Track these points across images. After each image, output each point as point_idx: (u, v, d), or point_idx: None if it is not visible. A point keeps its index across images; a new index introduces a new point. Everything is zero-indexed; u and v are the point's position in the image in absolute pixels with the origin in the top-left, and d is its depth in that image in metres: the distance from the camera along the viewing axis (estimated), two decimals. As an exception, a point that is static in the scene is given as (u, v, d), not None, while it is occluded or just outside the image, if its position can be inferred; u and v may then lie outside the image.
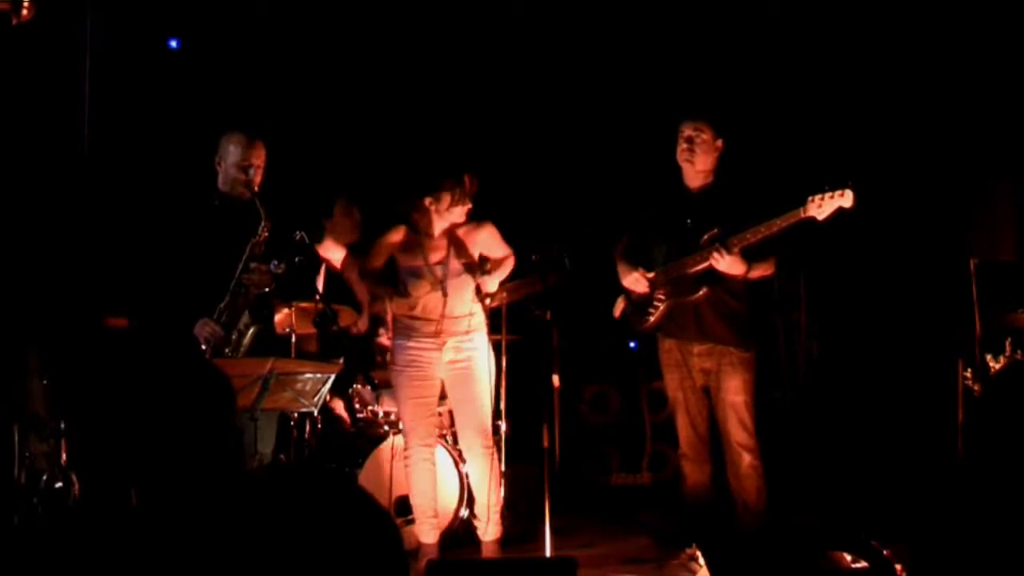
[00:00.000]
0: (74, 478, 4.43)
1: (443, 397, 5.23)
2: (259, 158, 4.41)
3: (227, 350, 4.28)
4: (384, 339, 5.84)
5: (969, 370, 4.84)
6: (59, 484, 4.41)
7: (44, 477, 4.45)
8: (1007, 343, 4.74)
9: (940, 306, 5.47)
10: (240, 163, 4.38)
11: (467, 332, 4.77)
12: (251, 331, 4.32)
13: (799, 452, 5.72)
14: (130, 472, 2.02)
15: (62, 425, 4.54)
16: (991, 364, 4.74)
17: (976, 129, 5.66)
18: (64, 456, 4.48)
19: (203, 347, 4.23)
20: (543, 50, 6.51)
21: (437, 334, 4.76)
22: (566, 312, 5.04)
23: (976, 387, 4.73)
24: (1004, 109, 5.55)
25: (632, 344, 6.69)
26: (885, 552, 3.57)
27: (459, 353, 4.77)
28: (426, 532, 4.78)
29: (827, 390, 5.91)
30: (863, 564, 3.63)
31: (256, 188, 4.36)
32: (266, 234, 4.31)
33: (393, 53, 6.52)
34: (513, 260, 4.86)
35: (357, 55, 6.52)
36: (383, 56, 6.53)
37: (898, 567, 3.52)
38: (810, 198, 4.39)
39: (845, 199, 4.33)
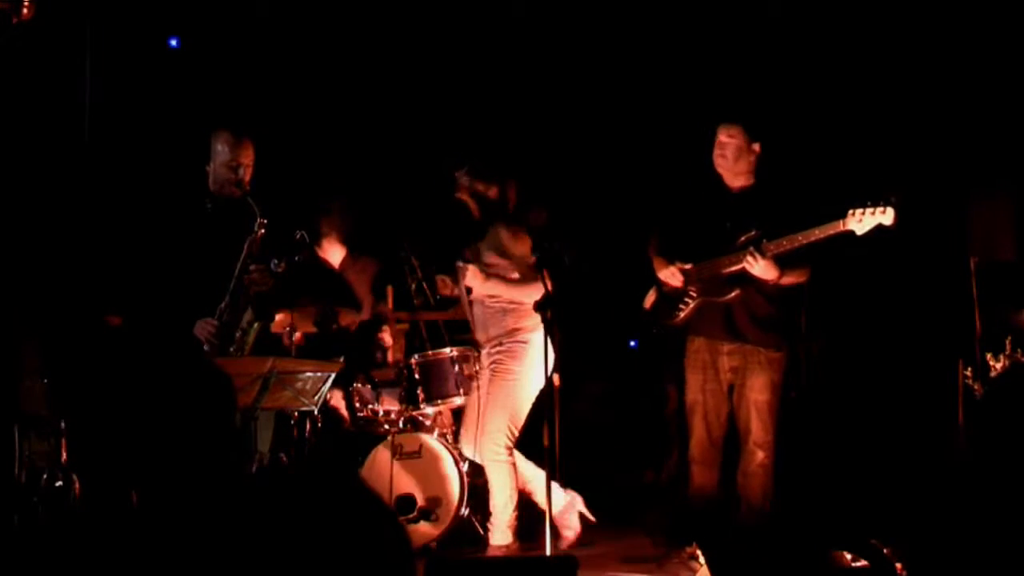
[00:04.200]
0: (74, 478, 4.43)
1: (437, 398, 5.25)
2: (248, 157, 4.40)
3: (231, 348, 4.28)
4: (385, 339, 5.85)
5: (969, 370, 4.83)
6: (59, 484, 4.40)
7: (44, 477, 4.45)
8: (1007, 342, 4.74)
9: (940, 306, 5.46)
10: (229, 163, 4.37)
11: (500, 336, 4.77)
12: (254, 328, 4.32)
13: (799, 451, 5.71)
14: (130, 472, 2.02)
15: (62, 424, 4.54)
16: (991, 364, 4.74)
17: (976, 129, 5.65)
18: (64, 456, 4.48)
19: (205, 347, 4.22)
20: (550, 48, 6.49)
21: (478, 343, 4.90)
22: (566, 311, 5.03)
23: (976, 387, 4.73)
24: (1004, 109, 5.55)
25: (633, 343, 6.70)
26: (885, 551, 3.57)
27: (489, 358, 4.82)
28: (499, 531, 4.81)
29: (827, 389, 5.90)
30: (863, 563, 3.63)
31: (247, 186, 4.35)
32: (263, 231, 4.30)
33: (392, 52, 6.51)
34: (511, 285, 4.78)
35: (356, 54, 6.52)
36: (382, 55, 6.53)
37: (898, 566, 3.52)
38: (851, 211, 4.37)
39: (886, 216, 4.32)
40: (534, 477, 4.82)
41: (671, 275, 4.82)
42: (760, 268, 4.54)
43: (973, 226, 5.75)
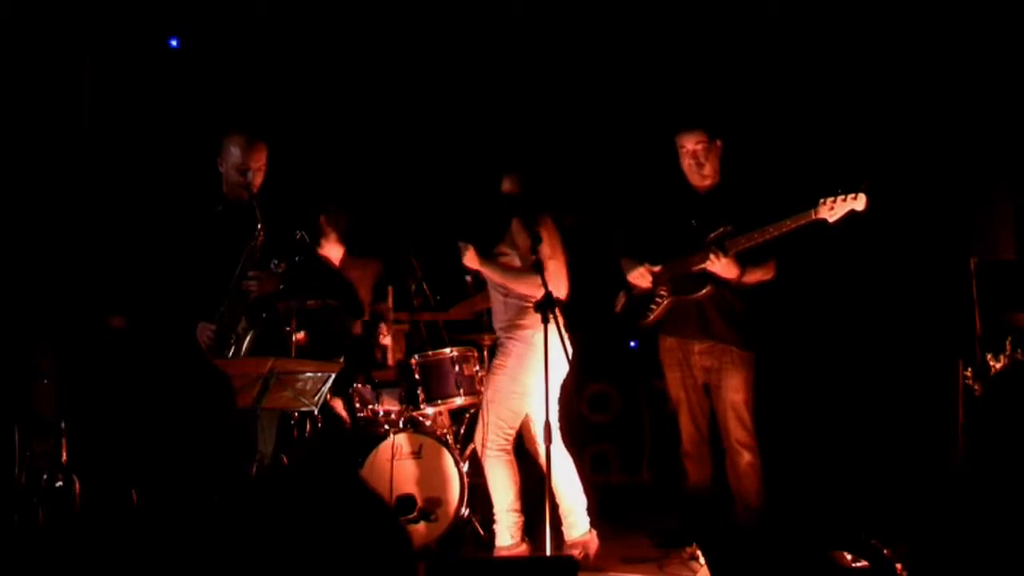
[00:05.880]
0: (74, 478, 4.43)
1: (437, 398, 5.24)
2: (258, 161, 4.40)
3: (227, 353, 4.28)
4: (385, 339, 5.85)
5: (969, 370, 4.83)
6: (59, 484, 4.40)
7: (44, 477, 4.45)
8: (1007, 342, 4.74)
9: (940, 306, 5.46)
10: (239, 166, 4.37)
11: (500, 330, 4.79)
12: (249, 335, 4.31)
13: (799, 451, 5.72)
14: (130, 472, 2.02)
15: (63, 425, 4.54)
16: (991, 364, 4.74)
17: (976, 128, 5.65)
18: (64, 456, 4.48)
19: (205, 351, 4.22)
20: (542, 52, 6.50)
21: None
22: (566, 312, 5.03)
23: (976, 387, 4.73)
24: (1004, 108, 5.55)
25: (632, 344, 6.69)
26: (885, 552, 3.57)
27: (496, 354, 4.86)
28: (499, 532, 4.76)
29: (827, 389, 5.90)
30: (863, 564, 3.64)
31: (255, 191, 4.35)
32: (262, 238, 4.30)
33: (392, 52, 6.52)
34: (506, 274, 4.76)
35: (356, 54, 6.52)
36: (382, 55, 6.53)
37: (898, 567, 3.52)
38: (821, 200, 4.39)
39: (858, 202, 4.34)
40: (565, 481, 4.78)
41: (640, 276, 4.83)
42: (721, 266, 4.54)
43: (973, 226, 5.75)
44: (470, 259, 4.74)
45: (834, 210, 4.36)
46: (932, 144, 5.77)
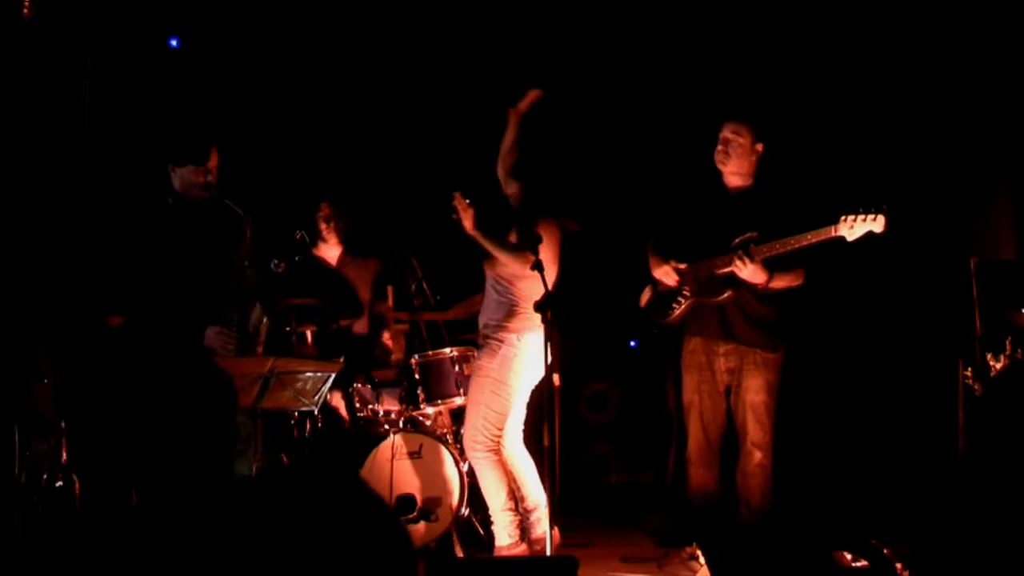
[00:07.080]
0: (74, 478, 4.43)
1: (437, 398, 5.24)
2: (214, 161, 4.45)
3: (247, 350, 4.29)
4: (387, 339, 5.85)
5: (969, 370, 4.83)
6: (59, 484, 4.40)
7: (44, 477, 4.45)
8: (1007, 342, 4.73)
9: (940, 306, 5.46)
10: (198, 170, 4.39)
11: (487, 328, 4.78)
12: (264, 325, 4.33)
13: (800, 452, 5.72)
14: (130, 472, 2.02)
15: (63, 424, 4.54)
16: (991, 364, 4.73)
17: (976, 128, 5.65)
18: (64, 456, 4.48)
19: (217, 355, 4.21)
20: (550, 47, 6.48)
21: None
22: (566, 311, 5.03)
23: (977, 387, 4.72)
24: (1004, 108, 5.55)
25: (633, 343, 6.69)
26: (885, 551, 3.57)
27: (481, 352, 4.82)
28: (497, 533, 4.74)
29: (827, 390, 5.90)
30: (863, 563, 3.64)
31: (215, 189, 4.37)
32: (249, 234, 4.31)
33: (392, 51, 6.51)
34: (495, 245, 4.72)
35: (356, 54, 6.51)
36: (382, 54, 6.53)
37: (898, 566, 3.52)
38: (843, 217, 4.39)
39: (877, 223, 4.35)
40: (529, 479, 4.79)
41: (665, 274, 4.82)
42: (748, 272, 4.53)
43: (973, 226, 5.75)
44: (467, 221, 4.60)
45: (854, 229, 4.36)
46: (932, 144, 5.77)
